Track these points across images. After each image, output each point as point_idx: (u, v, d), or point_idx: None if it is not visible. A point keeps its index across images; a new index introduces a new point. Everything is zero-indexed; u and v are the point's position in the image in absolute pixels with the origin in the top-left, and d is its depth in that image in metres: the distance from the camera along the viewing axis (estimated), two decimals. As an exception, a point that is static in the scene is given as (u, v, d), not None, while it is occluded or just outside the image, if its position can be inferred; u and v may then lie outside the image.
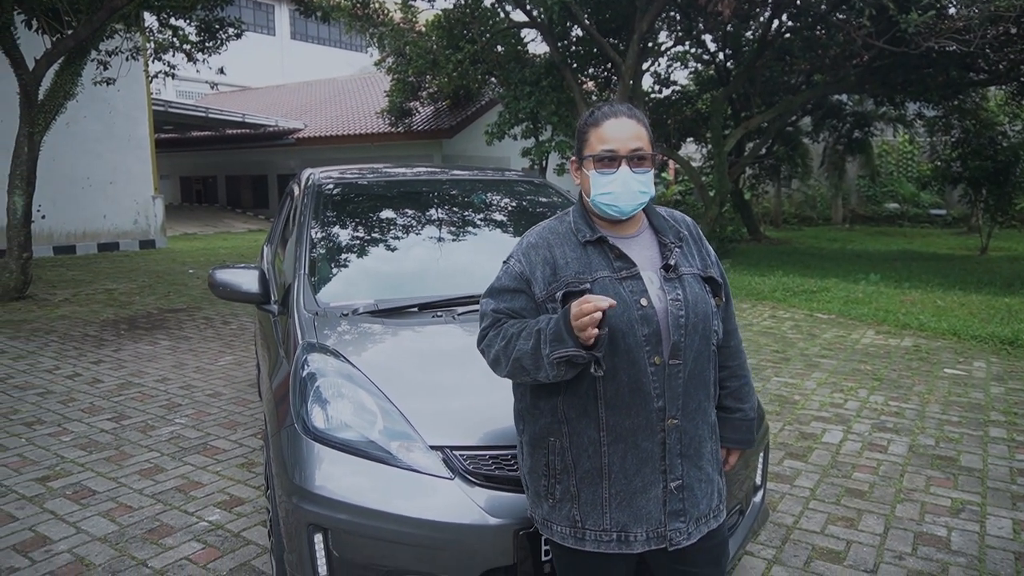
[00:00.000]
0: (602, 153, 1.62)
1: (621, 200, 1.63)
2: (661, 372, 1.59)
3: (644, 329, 1.58)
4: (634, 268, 1.63)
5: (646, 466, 1.61)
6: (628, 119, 1.64)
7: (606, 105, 1.68)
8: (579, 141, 1.70)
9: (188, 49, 12.35)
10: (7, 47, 8.31)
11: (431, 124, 19.54)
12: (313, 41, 35.38)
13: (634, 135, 1.63)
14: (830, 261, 13.05)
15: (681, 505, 1.63)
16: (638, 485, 1.62)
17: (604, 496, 1.62)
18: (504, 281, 1.70)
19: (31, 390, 5.08)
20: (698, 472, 1.66)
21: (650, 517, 1.62)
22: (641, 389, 1.58)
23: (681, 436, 1.63)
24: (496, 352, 1.63)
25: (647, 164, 1.64)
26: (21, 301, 8.58)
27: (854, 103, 17.65)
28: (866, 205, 22.63)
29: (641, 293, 1.60)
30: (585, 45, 13.79)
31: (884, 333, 6.74)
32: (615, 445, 1.61)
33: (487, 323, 1.69)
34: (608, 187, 1.62)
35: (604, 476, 1.62)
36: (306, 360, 2.34)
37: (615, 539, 1.63)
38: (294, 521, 2.08)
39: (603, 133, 1.64)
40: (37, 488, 3.47)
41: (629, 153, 1.62)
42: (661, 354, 1.59)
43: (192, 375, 5.46)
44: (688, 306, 1.62)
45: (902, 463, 3.73)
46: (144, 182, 15.66)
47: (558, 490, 1.67)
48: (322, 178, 3.55)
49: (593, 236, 1.66)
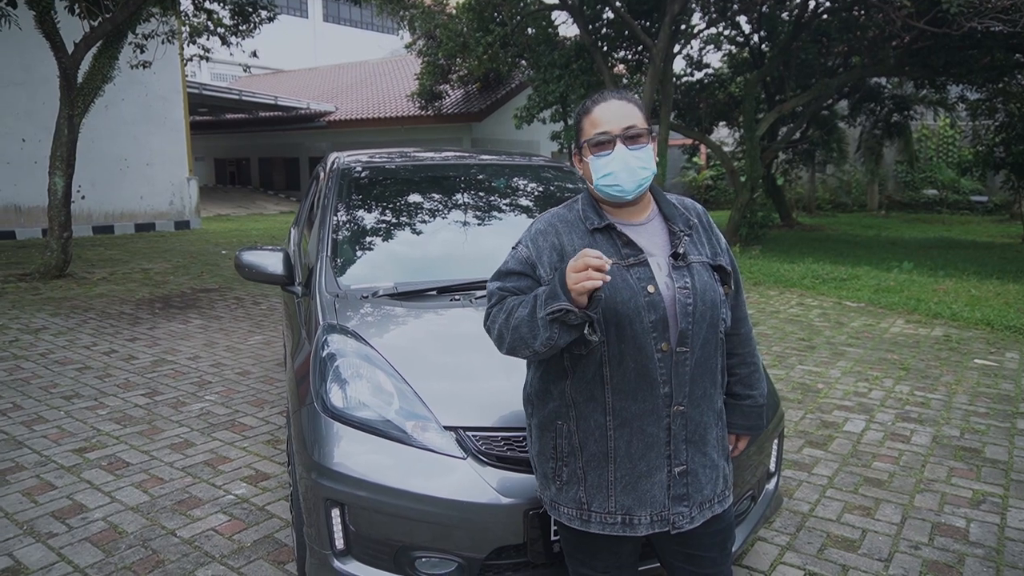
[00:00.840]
0: (596, 136, 1.64)
1: (622, 179, 1.63)
2: (668, 359, 1.61)
3: (651, 316, 1.59)
4: (642, 255, 1.64)
5: (651, 451, 1.64)
6: (617, 101, 1.65)
7: (597, 94, 1.70)
8: (576, 134, 1.73)
9: (222, 32, 12.54)
10: (48, 31, 8.51)
11: (461, 107, 19.54)
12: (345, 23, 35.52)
13: (625, 114, 1.64)
14: (863, 248, 12.81)
15: (685, 490, 1.66)
16: (643, 469, 1.65)
17: (610, 479, 1.66)
18: (511, 265, 1.73)
19: (70, 365, 5.26)
20: (703, 458, 1.68)
21: (654, 501, 1.65)
22: (648, 375, 1.60)
23: (687, 422, 1.65)
24: (499, 326, 1.64)
25: (643, 140, 1.64)
26: (62, 279, 8.85)
27: (893, 86, 17.19)
28: (903, 191, 22.09)
29: (648, 280, 1.61)
30: (616, 27, 13.64)
31: (914, 322, 6.63)
32: (621, 429, 1.64)
33: (492, 302, 1.71)
34: (607, 168, 1.63)
35: (610, 460, 1.65)
36: (326, 340, 2.41)
37: (620, 522, 1.66)
38: (312, 496, 2.15)
39: (595, 118, 1.65)
40: (75, 459, 3.62)
41: (622, 132, 1.62)
42: (668, 341, 1.60)
43: (222, 353, 5.60)
44: (696, 294, 1.63)
45: (924, 453, 3.69)
46: (179, 164, 15.97)
47: (565, 472, 1.71)
48: (346, 162, 3.60)
49: (601, 223, 1.67)
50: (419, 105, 18.81)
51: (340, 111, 22.15)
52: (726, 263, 1.76)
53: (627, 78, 15.66)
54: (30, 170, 12.76)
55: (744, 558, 2.73)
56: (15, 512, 3.07)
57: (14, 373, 5.05)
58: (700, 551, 1.76)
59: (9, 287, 8.30)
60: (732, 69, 16.97)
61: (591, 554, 1.77)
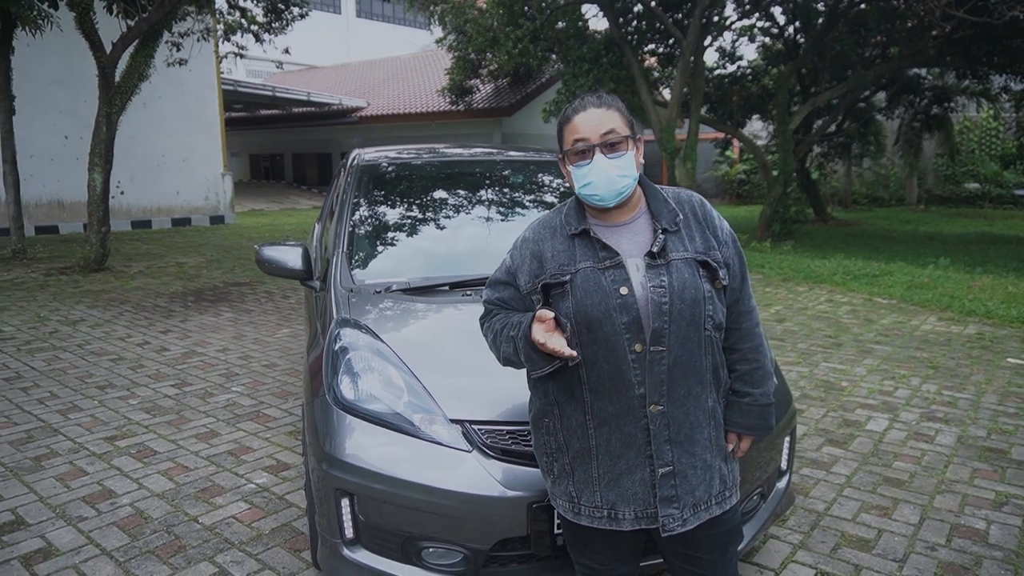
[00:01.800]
0: (575, 146, 1.65)
1: (600, 188, 1.64)
2: (642, 359, 1.60)
3: (623, 317, 1.60)
4: (617, 257, 1.64)
5: (630, 450, 1.65)
6: (596, 108, 1.65)
7: (577, 100, 1.70)
8: (559, 140, 1.73)
9: (255, 30, 12.75)
10: (87, 31, 8.75)
11: (491, 102, 19.58)
12: (378, 19, 35.78)
13: (602, 121, 1.63)
14: (899, 244, 12.54)
15: (674, 491, 1.65)
16: (623, 467, 1.66)
17: (594, 475, 1.68)
18: (498, 275, 1.82)
19: (105, 356, 5.44)
20: (691, 459, 1.66)
21: (636, 498, 1.66)
22: (622, 376, 1.61)
23: (668, 422, 1.64)
24: (490, 344, 1.78)
25: (622, 148, 1.63)
26: (100, 272, 9.13)
27: (934, 77, 16.73)
28: (944, 185, 21.50)
29: (623, 282, 1.61)
30: (646, 20, 13.52)
31: (947, 320, 6.48)
32: (600, 428, 1.66)
33: (483, 314, 1.82)
34: (586, 178, 1.64)
35: (593, 456, 1.68)
36: (339, 334, 2.46)
37: (606, 516, 1.68)
38: (323, 486, 2.21)
39: (574, 126, 1.65)
40: (106, 446, 3.75)
41: (600, 140, 1.62)
42: (643, 341, 1.60)
43: (251, 346, 5.73)
44: (672, 292, 1.61)
45: (948, 454, 3.62)
46: (214, 160, 16.31)
47: (556, 468, 1.75)
48: (364, 158, 3.66)
49: (578, 229, 1.69)
50: (449, 100, 18.90)
51: (372, 106, 22.36)
52: (722, 256, 1.71)
53: (658, 71, 15.52)
54: (72, 166, 13.14)
55: (755, 556, 2.72)
56: (48, 496, 3.20)
57: (52, 363, 5.24)
58: (699, 553, 1.75)
59: (51, 280, 8.58)
60: (766, 61, 16.69)
61: (588, 545, 1.80)
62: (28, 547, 2.78)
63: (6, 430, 3.96)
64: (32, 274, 8.89)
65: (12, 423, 4.07)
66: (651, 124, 12.54)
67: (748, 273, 1.83)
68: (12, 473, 3.43)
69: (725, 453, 1.77)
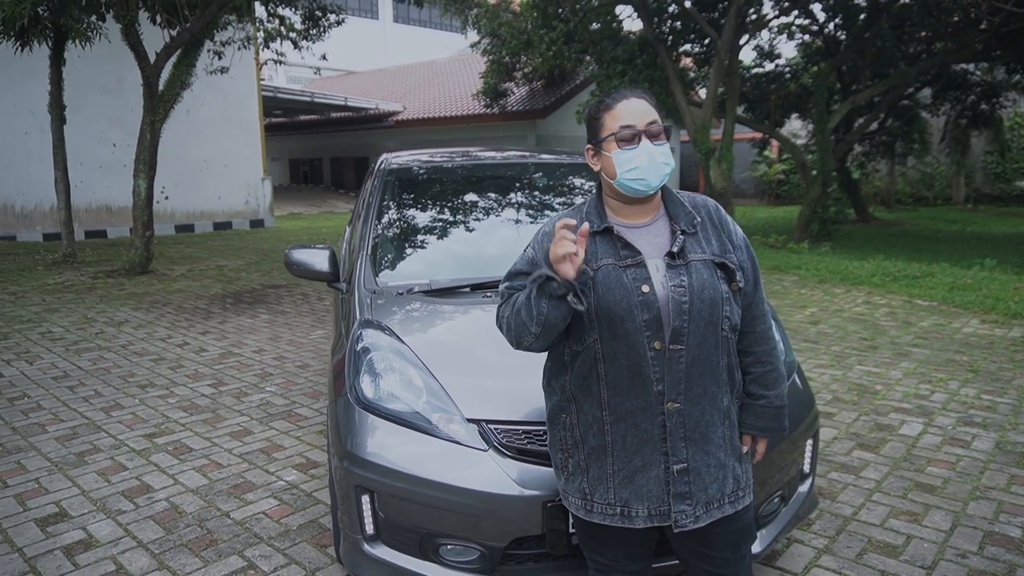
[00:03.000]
0: (622, 131, 1.67)
1: (648, 173, 1.66)
2: (661, 357, 1.63)
3: (644, 315, 1.62)
4: (639, 256, 1.67)
5: (646, 446, 1.66)
6: (638, 99, 1.70)
7: (614, 92, 1.74)
8: (593, 129, 1.74)
9: (294, 37, 13.02)
10: (132, 42, 9.05)
11: (525, 104, 19.62)
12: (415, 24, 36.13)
13: (647, 110, 1.68)
14: (944, 244, 12.20)
15: (687, 488, 1.67)
16: (638, 464, 1.67)
17: (608, 472, 1.70)
18: (518, 265, 1.81)
19: (147, 356, 5.63)
20: (705, 456, 1.68)
21: (651, 496, 1.67)
22: (641, 373, 1.63)
23: (684, 420, 1.66)
24: (507, 318, 1.72)
25: (663, 137, 1.69)
26: (144, 276, 9.43)
27: (982, 72, 16.22)
28: (993, 183, 20.83)
29: (644, 280, 1.64)
30: (682, 20, 13.42)
31: (990, 322, 6.29)
32: (616, 424, 1.67)
33: (501, 300, 1.79)
34: (633, 162, 1.66)
35: (608, 453, 1.69)
36: (361, 335, 2.52)
37: (619, 513, 1.70)
38: (345, 483, 2.27)
39: (618, 113, 1.69)
40: (144, 443, 3.89)
41: (647, 127, 1.67)
42: (663, 339, 1.62)
43: (285, 347, 5.87)
44: (692, 292, 1.63)
45: (984, 459, 3.53)
46: (254, 165, 16.67)
47: (570, 464, 1.77)
48: (392, 162, 3.73)
49: (600, 227, 1.71)
50: (484, 103, 18.99)
51: (408, 111, 22.60)
52: (737, 259, 1.74)
53: (693, 71, 15.37)
54: (120, 173, 13.58)
55: (778, 559, 2.69)
56: (90, 490, 3.33)
57: (97, 363, 5.44)
58: (712, 550, 1.77)
59: (98, 283, 8.89)
60: (806, 59, 16.38)
61: (601, 542, 1.81)
62: (70, 538, 2.91)
63: (53, 426, 4.13)
64: (81, 277, 9.23)
65: (59, 420, 4.24)
66: (686, 125, 12.43)
67: (761, 278, 1.85)
68: (58, 468, 3.58)
69: (739, 453, 1.78)
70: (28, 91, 12.60)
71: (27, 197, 13.40)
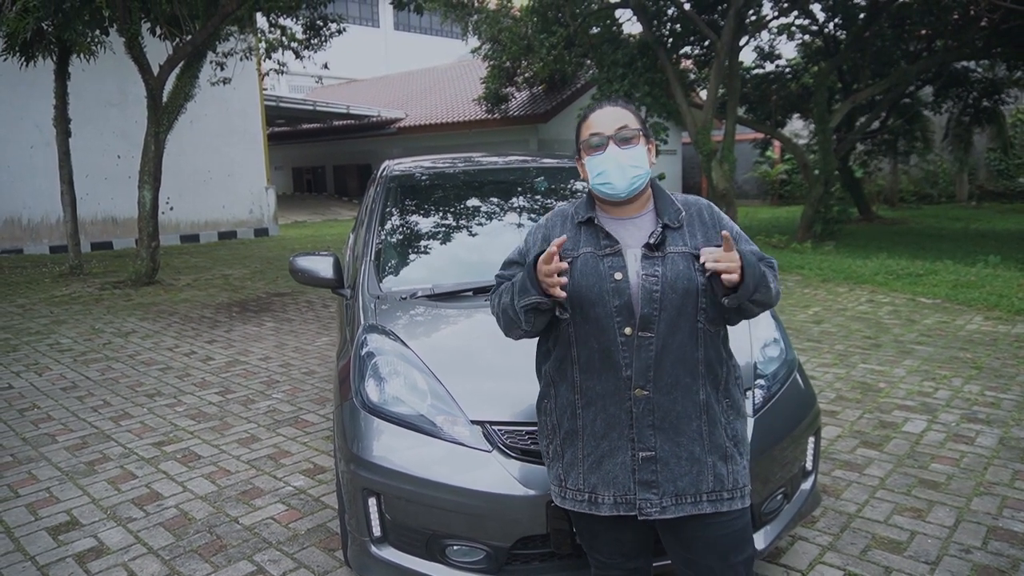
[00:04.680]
0: (590, 139, 1.76)
1: (614, 178, 1.72)
2: (631, 343, 1.68)
3: (615, 301, 1.68)
4: (617, 246, 1.73)
5: (613, 431, 1.71)
6: (611, 107, 1.77)
7: (595, 103, 1.85)
8: (576, 140, 1.84)
9: (295, 47, 13.10)
10: (135, 55, 9.13)
11: (526, 109, 19.68)
12: (415, 31, 36.28)
13: (617, 117, 1.75)
14: (947, 242, 12.19)
15: (654, 477, 1.69)
16: (605, 448, 1.72)
17: (579, 456, 1.75)
18: (511, 255, 1.93)
19: (154, 366, 5.67)
20: (675, 448, 1.69)
21: (616, 482, 1.71)
22: (611, 357, 1.69)
23: (653, 408, 1.68)
24: (496, 310, 1.85)
25: (635, 142, 1.74)
26: (151, 286, 9.49)
27: (983, 69, 16.20)
28: (997, 180, 20.77)
29: (619, 268, 1.70)
30: (681, 22, 13.46)
31: (993, 319, 6.29)
32: (587, 408, 1.73)
33: (493, 290, 1.92)
34: (599, 167, 1.74)
35: (579, 437, 1.75)
36: (365, 340, 2.55)
37: (586, 499, 1.75)
38: (351, 486, 2.30)
39: (590, 123, 1.78)
40: (154, 451, 3.93)
41: (615, 132, 1.73)
42: (633, 326, 1.68)
43: (291, 354, 5.91)
44: (664, 282, 1.68)
45: (988, 456, 3.54)
46: (258, 174, 16.77)
47: (550, 450, 1.84)
48: (394, 169, 3.77)
49: (584, 217, 1.80)
50: (485, 109, 19.05)
51: (410, 117, 22.68)
52: None
53: (694, 73, 15.40)
54: (125, 184, 13.67)
55: (782, 556, 2.71)
56: (101, 499, 3.37)
57: (106, 373, 5.49)
58: (695, 555, 1.74)
59: (105, 294, 8.96)
60: (806, 59, 16.40)
61: (595, 537, 1.85)
62: (82, 546, 2.94)
63: (63, 436, 4.18)
64: (88, 288, 9.30)
65: (69, 430, 4.28)
66: (687, 126, 12.46)
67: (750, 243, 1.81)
68: (68, 477, 3.62)
69: (724, 452, 1.73)
70: (33, 105, 12.73)
71: (33, 210, 13.50)
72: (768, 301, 1.70)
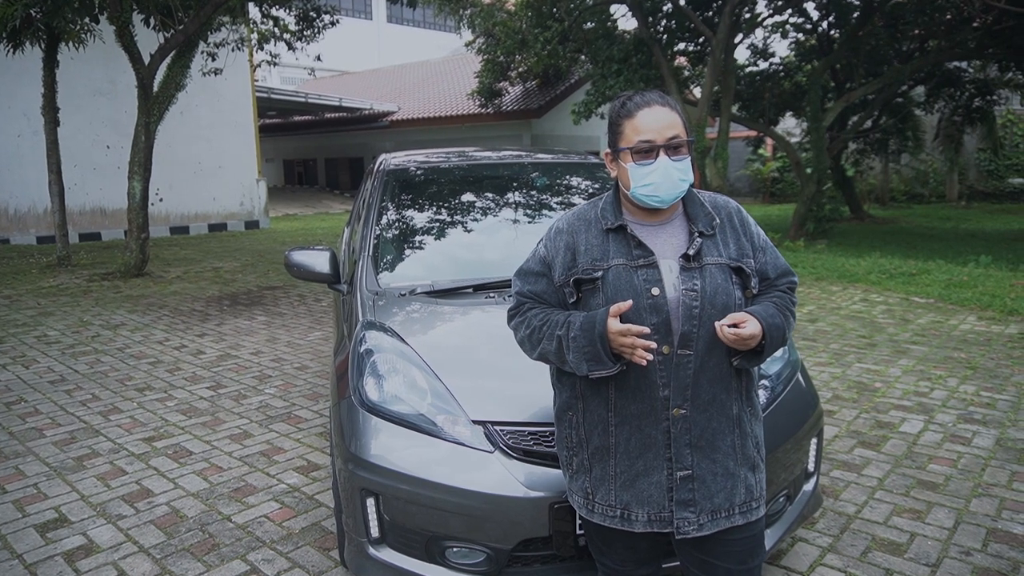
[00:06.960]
0: (639, 145, 1.60)
1: (662, 190, 1.61)
2: (669, 362, 1.60)
3: (653, 318, 1.59)
4: (651, 256, 1.63)
5: (649, 451, 1.64)
6: (661, 107, 1.62)
7: (637, 95, 1.65)
8: (613, 133, 1.68)
9: (288, 39, 12.98)
10: (126, 44, 9.00)
11: (520, 104, 19.62)
12: (408, 24, 36.08)
13: (669, 123, 1.61)
14: (938, 241, 12.24)
15: (691, 495, 1.63)
16: (640, 468, 1.66)
17: (611, 473, 1.68)
18: (530, 264, 1.78)
19: (144, 359, 5.59)
20: (712, 464, 1.65)
21: (651, 501, 1.65)
22: (647, 376, 1.61)
23: (691, 427, 1.62)
24: (521, 338, 1.74)
25: (684, 151, 1.62)
26: (140, 278, 9.38)
27: (975, 70, 16.27)
28: (987, 180, 20.91)
29: (655, 282, 1.61)
30: (677, 19, 13.43)
31: (987, 319, 6.31)
32: (621, 427, 1.66)
33: (513, 305, 1.78)
34: (648, 178, 1.60)
35: (611, 455, 1.68)
36: (364, 337, 2.51)
37: (619, 515, 1.68)
38: (349, 486, 2.25)
39: (638, 124, 1.61)
40: (144, 447, 3.86)
41: (666, 142, 1.60)
42: (671, 344, 1.60)
43: (283, 349, 5.84)
44: (704, 297, 1.60)
45: (986, 456, 3.54)
46: (249, 166, 16.63)
47: (575, 462, 1.76)
48: (391, 163, 3.71)
49: (614, 224, 1.67)
50: (479, 103, 18.99)
51: (402, 111, 22.57)
52: (757, 263, 1.71)
53: (688, 70, 15.39)
54: (114, 175, 13.53)
55: (783, 558, 2.69)
56: (90, 495, 3.31)
57: (94, 366, 5.41)
58: (714, 559, 1.72)
59: (93, 285, 8.85)
60: (799, 57, 16.42)
61: (608, 545, 1.80)
62: (70, 544, 2.88)
63: (51, 431, 4.11)
64: (76, 280, 9.18)
65: (56, 424, 4.21)
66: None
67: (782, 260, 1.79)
68: (56, 473, 3.55)
69: (752, 463, 1.72)
70: (21, 94, 12.55)
71: (21, 200, 13.33)
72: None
